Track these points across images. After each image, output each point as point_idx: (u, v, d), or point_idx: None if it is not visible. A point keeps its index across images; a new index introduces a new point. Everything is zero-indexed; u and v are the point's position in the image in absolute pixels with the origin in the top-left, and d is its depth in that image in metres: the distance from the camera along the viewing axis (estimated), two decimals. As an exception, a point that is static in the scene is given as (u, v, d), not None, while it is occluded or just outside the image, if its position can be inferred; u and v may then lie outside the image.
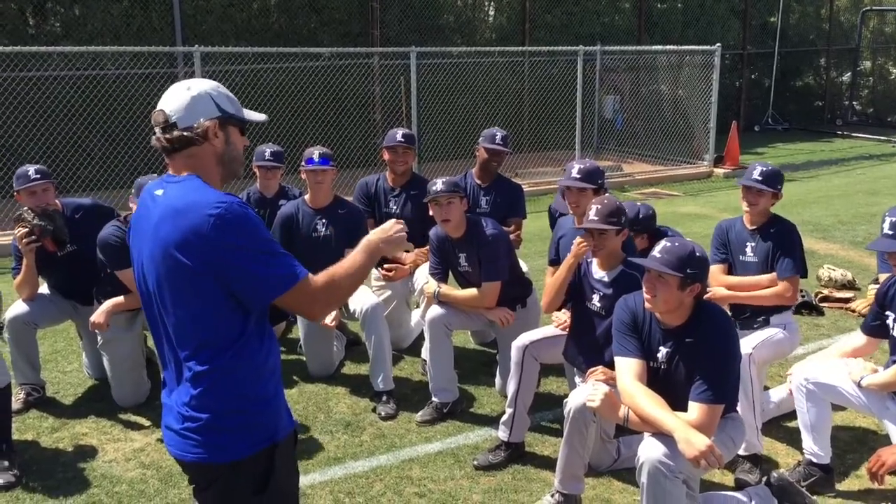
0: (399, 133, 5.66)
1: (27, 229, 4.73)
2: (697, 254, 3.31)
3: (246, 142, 2.46)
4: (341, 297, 2.46)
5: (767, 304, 4.40)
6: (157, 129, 2.32)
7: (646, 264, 3.36)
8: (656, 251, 3.35)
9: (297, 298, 2.28)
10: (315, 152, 5.21)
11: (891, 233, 3.69)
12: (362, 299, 4.97)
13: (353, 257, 2.44)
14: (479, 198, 5.66)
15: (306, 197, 5.38)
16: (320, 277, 2.36)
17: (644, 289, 3.38)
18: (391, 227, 2.53)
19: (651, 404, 3.22)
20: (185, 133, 2.29)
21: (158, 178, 2.42)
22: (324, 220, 5.25)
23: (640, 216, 4.64)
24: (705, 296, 4.31)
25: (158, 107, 2.32)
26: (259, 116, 2.49)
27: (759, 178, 4.41)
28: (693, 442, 3.04)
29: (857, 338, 4.04)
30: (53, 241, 4.83)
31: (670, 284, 3.27)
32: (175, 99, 2.31)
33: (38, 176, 4.79)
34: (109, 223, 4.71)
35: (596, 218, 3.92)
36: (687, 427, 3.09)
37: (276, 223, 5.32)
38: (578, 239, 4.05)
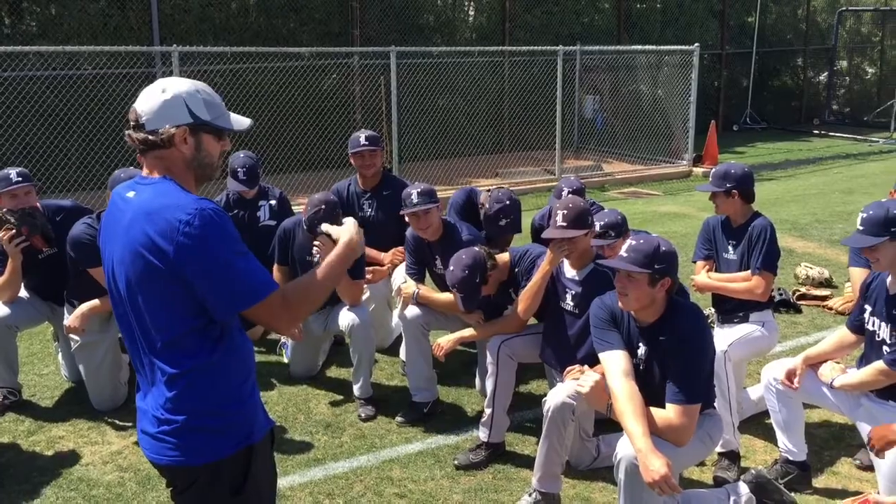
0: (362, 136, 5.55)
1: (13, 230, 4.69)
2: (663, 248, 3.33)
3: (225, 146, 2.40)
4: (308, 311, 2.38)
5: (739, 296, 4.45)
6: (130, 126, 2.30)
7: (614, 265, 3.39)
8: (623, 251, 3.37)
9: (262, 312, 2.25)
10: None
11: (861, 228, 3.69)
12: (350, 315, 4.87)
13: (325, 268, 2.38)
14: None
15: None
16: (290, 291, 2.31)
17: (616, 288, 3.41)
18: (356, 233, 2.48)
19: (628, 413, 3.21)
20: (149, 136, 2.26)
21: (129, 179, 2.40)
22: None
23: (621, 220, 4.54)
24: (691, 283, 4.37)
25: (134, 104, 2.30)
26: (243, 123, 2.41)
27: (711, 181, 4.50)
28: (650, 469, 3.05)
29: (842, 334, 4.03)
30: (43, 238, 4.80)
31: (640, 282, 3.29)
32: (147, 99, 2.28)
33: (20, 179, 4.75)
34: (80, 221, 4.67)
35: (564, 224, 3.93)
36: (650, 452, 3.08)
37: (275, 238, 5.19)
38: (551, 246, 4.05)
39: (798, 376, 3.92)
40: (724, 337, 4.32)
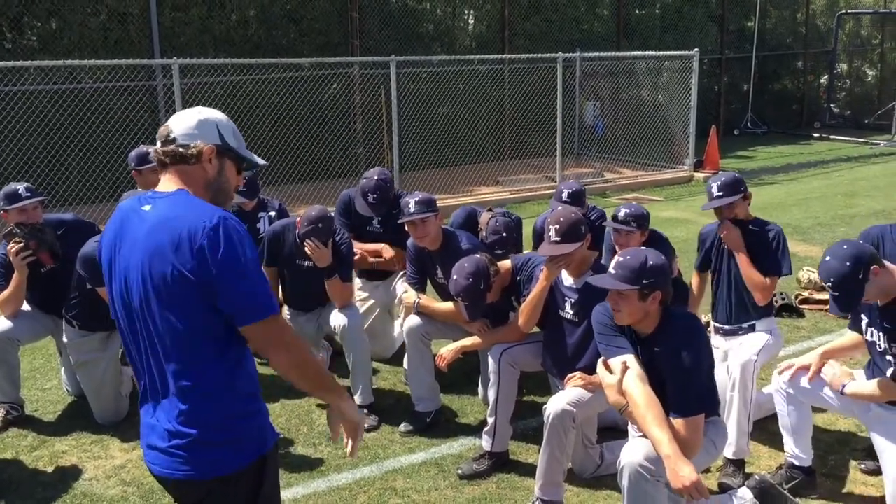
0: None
1: (21, 244, 4.70)
2: (651, 263, 3.28)
3: (241, 180, 2.51)
4: (293, 361, 2.36)
5: (752, 280, 4.38)
6: (158, 142, 2.38)
7: (602, 284, 3.37)
8: (611, 268, 3.36)
9: (260, 332, 2.28)
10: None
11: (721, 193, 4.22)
12: (341, 316, 4.92)
13: (328, 381, 2.49)
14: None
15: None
16: (299, 340, 2.43)
17: (610, 305, 3.39)
18: (361, 423, 2.57)
19: (651, 419, 3.17)
20: (179, 148, 2.33)
21: (142, 193, 2.44)
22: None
23: (645, 213, 4.58)
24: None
25: (167, 122, 2.39)
26: (260, 161, 2.52)
27: (724, 192, 4.42)
28: (680, 475, 3.02)
29: (847, 336, 4.03)
30: (50, 254, 4.81)
31: (631, 298, 3.27)
32: (182, 118, 2.38)
33: (29, 194, 4.79)
34: (92, 239, 4.68)
35: (557, 239, 3.91)
36: (678, 458, 3.05)
37: (265, 240, 5.18)
38: (547, 262, 4.04)
39: (813, 371, 3.91)
40: (748, 345, 4.29)
